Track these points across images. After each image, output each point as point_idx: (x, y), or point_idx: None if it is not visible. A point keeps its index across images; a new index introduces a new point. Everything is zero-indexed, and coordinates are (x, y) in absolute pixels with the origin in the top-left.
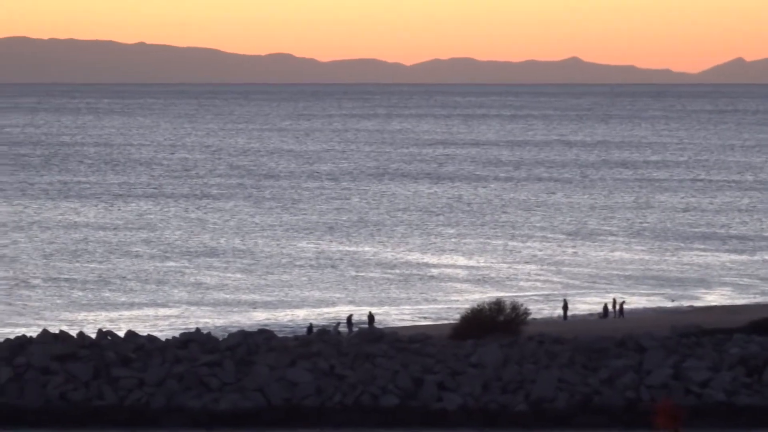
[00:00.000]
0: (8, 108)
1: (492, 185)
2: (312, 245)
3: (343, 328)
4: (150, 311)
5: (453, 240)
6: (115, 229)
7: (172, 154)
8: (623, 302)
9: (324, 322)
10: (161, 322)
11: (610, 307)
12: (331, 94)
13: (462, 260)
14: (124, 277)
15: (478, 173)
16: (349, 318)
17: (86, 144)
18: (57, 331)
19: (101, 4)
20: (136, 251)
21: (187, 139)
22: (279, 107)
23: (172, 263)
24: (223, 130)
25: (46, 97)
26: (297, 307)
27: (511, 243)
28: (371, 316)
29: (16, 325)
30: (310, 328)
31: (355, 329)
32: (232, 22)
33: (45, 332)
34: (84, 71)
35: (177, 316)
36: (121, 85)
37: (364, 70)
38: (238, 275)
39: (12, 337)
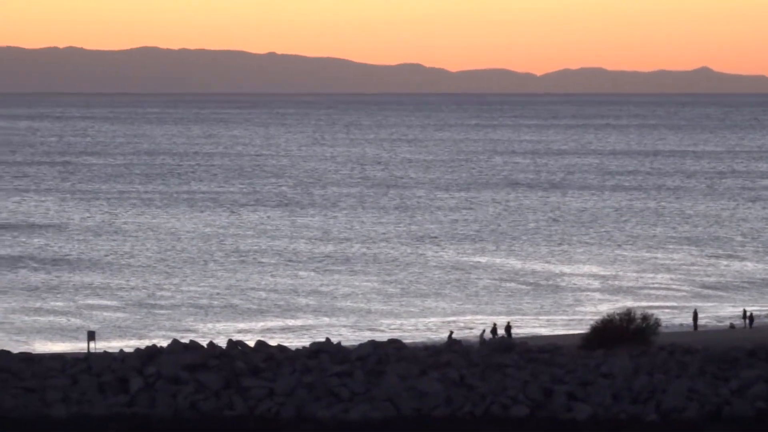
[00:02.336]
0: (137, 118)
1: (620, 195)
2: (442, 255)
3: (488, 336)
4: (280, 321)
5: (582, 250)
6: (244, 238)
7: (301, 163)
8: (751, 314)
9: (453, 332)
10: (291, 332)
11: (740, 318)
12: (460, 104)
13: (592, 270)
14: (254, 288)
15: (606, 183)
16: (494, 327)
17: (215, 154)
18: (187, 341)
19: (233, 14)
20: (266, 261)
21: (316, 149)
22: (408, 117)
23: (301, 272)
24: (351, 140)
25: (175, 107)
26: (427, 316)
27: (640, 253)
28: (509, 327)
29: (147, 336)
30: (450, 335)
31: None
32: (363, 31)
33: (175, 342)
34: (214, 81)
35: (307, 326)
36: (251, 95)
37: (495, 80)
38: (368, 285)
39: (143, 347)
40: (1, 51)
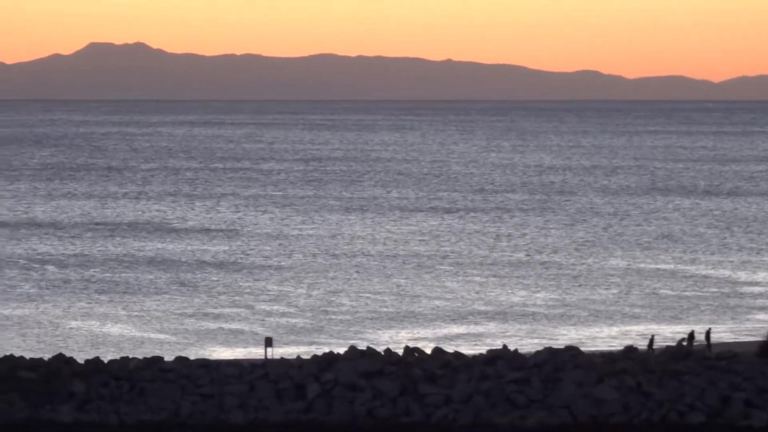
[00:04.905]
0: (310, 124)
1: None
2: (614, 262)
3: (698, 344)
4: (455, 328)
5: (757, 257)
6: (419, 244)
7: (476, 169)
8: None
9: (654, 336)
10: (466, 338)
11: None
12: (636, 111)
13: None
14: (429, 294)
15: None
16: (692, 333)
17: (390, 159)
18: (364, 348)
19: (410, 21)
20: (440, 267)
21: (492, 155)
22: (584, 124)
23: (476, 278)
24: (526, 147)
25: (351, 113)
26: (603, 323)
27: None
28: (708, 333)
29: (324, 342)
30: (652, 339)
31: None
32: (540, 39)
33: (352, 348)
34: (391, 88)
35: (483, 333)
36: (428, 101)
37: (672, 87)
38: (543, 292)
39: (320, 353)
40: (179, 58)
